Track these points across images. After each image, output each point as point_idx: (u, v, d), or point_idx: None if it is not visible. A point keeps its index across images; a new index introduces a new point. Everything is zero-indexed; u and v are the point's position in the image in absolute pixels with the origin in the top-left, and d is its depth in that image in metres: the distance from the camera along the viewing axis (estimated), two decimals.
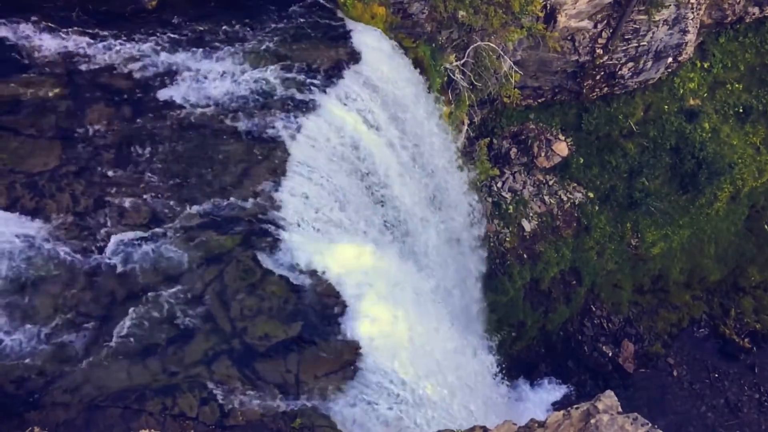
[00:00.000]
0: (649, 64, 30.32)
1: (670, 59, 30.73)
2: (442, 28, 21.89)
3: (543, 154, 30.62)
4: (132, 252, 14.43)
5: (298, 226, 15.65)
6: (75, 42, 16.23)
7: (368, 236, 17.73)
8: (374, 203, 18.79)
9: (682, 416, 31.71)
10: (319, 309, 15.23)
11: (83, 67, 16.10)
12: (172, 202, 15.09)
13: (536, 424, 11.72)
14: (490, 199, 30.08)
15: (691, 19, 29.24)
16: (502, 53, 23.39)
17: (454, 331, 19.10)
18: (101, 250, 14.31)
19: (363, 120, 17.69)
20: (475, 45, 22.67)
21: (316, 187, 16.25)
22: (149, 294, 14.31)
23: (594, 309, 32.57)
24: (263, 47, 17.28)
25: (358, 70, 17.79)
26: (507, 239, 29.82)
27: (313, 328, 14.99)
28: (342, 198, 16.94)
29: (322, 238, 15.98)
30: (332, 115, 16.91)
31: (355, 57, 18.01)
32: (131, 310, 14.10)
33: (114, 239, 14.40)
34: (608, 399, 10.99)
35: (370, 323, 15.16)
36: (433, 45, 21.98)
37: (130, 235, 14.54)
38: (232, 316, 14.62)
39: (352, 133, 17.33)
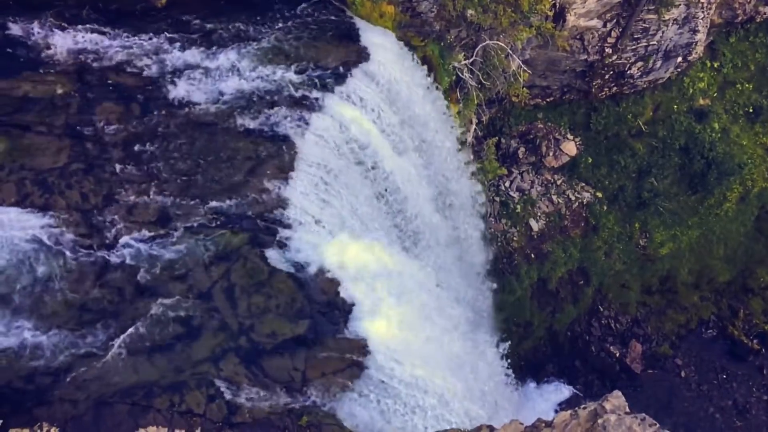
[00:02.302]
0: (659, 63, 30.17)
1: (679, 59, 30.57)
2: (450, 26, 21.85)
3: (551, 154, 30.54)
4: (140, 249, 14.49)
5: (306, 224, 15.66)
6: (85, 40, 16.31)
7: (376, 235, 17.72)
8: (382, 202, 18.79)
9: (690, 417, 31.56)
10: (327, 307, 15.25)
11: (93, 65, 16.18)
12: (180, 200, 15.14)
13: (543, 424, 11.70)
14: (497, 199, 30.02)
15: (701, 19, 29.06)
16: (510, 52, 23.32)
17: (462, 332, 19.08)
18: (110, 248, 14.38)
19: (370, 118, 17.69)
20: (484, 44, 22.62)
21: (324, 186, 16.26)
22: (157, 291, 14.36)
23: (602, 309, 32.46)
24: (271, 45, 17.30)
25: (366, 68, 17.79)
26: (514, 239, 29.77)
27: (321, 326, 15.01)
28: (350, 197, 16.94)
29: (330, 236, 15.98)
30: (340, 114, 16.91)
31: (363, 55, 18.01)
32: (139, 307, 14.16)
33: (123, 237, 14.46)
34: (616, 399, 10.95)
35: (378, 322, 15.17)
36: (442, 44, 21.94)
37: (138, 232, 14.59)
38: (239, 314, 14.66)
39: (360, 132, 17.32)
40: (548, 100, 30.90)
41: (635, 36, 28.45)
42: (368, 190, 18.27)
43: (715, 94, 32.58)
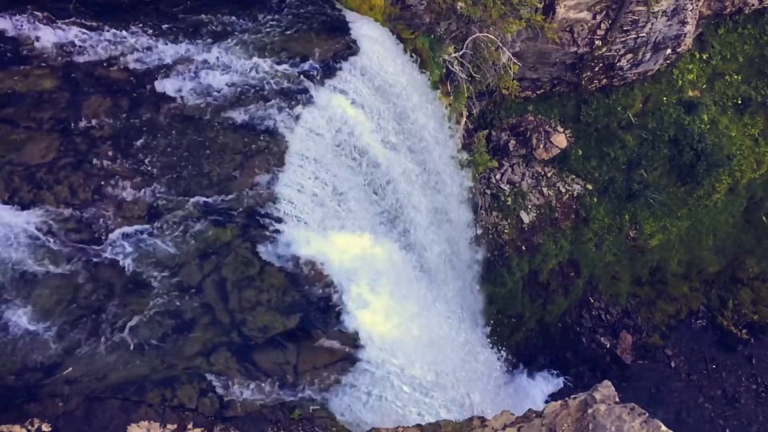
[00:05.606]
0: (648, 55, 30.26)
1: (669, 50, 30.67)
2: (440, 19, 21.83)
3: (542, 146, 30.61)
4: (130, 244, 14.44)
5: (297, 217, 15.65)
6: (72, 34, 16.18)
7: (367, 228, 17.73)
8: (373, 194, 18.79)
9: (680, 407, 31.83)
10: (318, 300, 15.26)
11: (80, 59, 16.05)
12: (170, 195, 15.09)
13: (534, 414, 11.79)
14: (488, 191, 30.08)
15: (690, 10, 29.16)
16: (500, 44, 23.34)
17: (453, 322, 19.15)
18: (99, 243, 14.31)
19: (361, 111, 17.66)
20: (474, 36, 22.62)
21: (314, 179, 16.24)
22: (147, 286, 14.32)
23: (592, 300, 32.64)
24: (261, 38, 17.23)
25: (355, 61, 17.75)
26: (505, 231, 29.84)
27: (312, 319, 15.02)
28: (340, 189, 16.93)
29: (321, 229, 15.98)
30: (330, 107, 16.88)
31: (352, 48, 17.96)
32: (129, 302, 14.13)
33: (112, 231, 14.41)
34: (606, 389, 11.05)
35: (369, 314, 15.20)
36: (432, 36, 21.93)
37: (127, 227, 14.54)
38: (230, 308, 14.65)
39: (350, 124, 17.30)
40: (538, 92, 30.95)
41: (625, 28, 28.51)
42: (360, 183, 18.27)
43: (704, 86, 32.72)
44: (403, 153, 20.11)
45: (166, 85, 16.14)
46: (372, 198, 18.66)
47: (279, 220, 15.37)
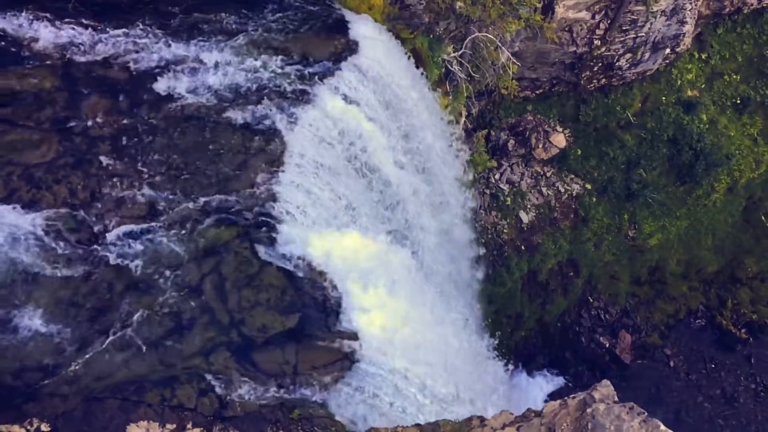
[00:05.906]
0: (647, 55, 30.27)
1: (668, 50, 30.69)
2: (439, 19, 21.83)
3: (541, 146, 30.62)
4: (130, 244, 14.45)
5: (296, 217, 15.66)
6: (71, 33, 16.17)
7: (366, 228, 17.74)
8: (372, 194, 18.80)
9: (679, 406, 31.85)
10: (318, 300, 15.27)
11: (80, 59, 16.05)
12: (169, 194, 15.09)
13: (533, 414, 11.80)
14: (487, 191, 30.09)
15: (689, 10, 29.17)
16: (499, 44, 23.34)
17: (453, 323, 19.15)
18: (99, 243, 14.32)
19: (360, 111, 17.66)
20: (473, 36, 22.61)
21: (314, 179, 16.25)
22: (147, 286, 14.33)
23: (591, 300, 32.65)
24: (260, 38, 17.23)
25: (355, 61, 17.75)
26: (505, 231, 29.85)
27: (312, 319, 15.03)
28: (340, 189, 16.94)
29: (321, 229, 15.98)
30: (329, 106, 16.88)
31: (352, 48, 17.97)
32: (129, 302, 14.13)
33: (112, 231, 14.41)
34: (605, 388, 11.06)
35: (369, 314, 15.21)
36: (431, 36, 21.93)
37: (127, 227, 14.55)
38: (230, 308, 14.66)
39: (350, 124, 17.31)
40: (537, 92, 30.95)
41: (624, 28, 28.52)
42: (358, 182, 18.28)
43: (703, 86, 32.73)
44: (411, 172, 20.14)
45: (166, 85, 16.14)
46: (383, 216, 18.64)
47: (279, 220, 15.37)
